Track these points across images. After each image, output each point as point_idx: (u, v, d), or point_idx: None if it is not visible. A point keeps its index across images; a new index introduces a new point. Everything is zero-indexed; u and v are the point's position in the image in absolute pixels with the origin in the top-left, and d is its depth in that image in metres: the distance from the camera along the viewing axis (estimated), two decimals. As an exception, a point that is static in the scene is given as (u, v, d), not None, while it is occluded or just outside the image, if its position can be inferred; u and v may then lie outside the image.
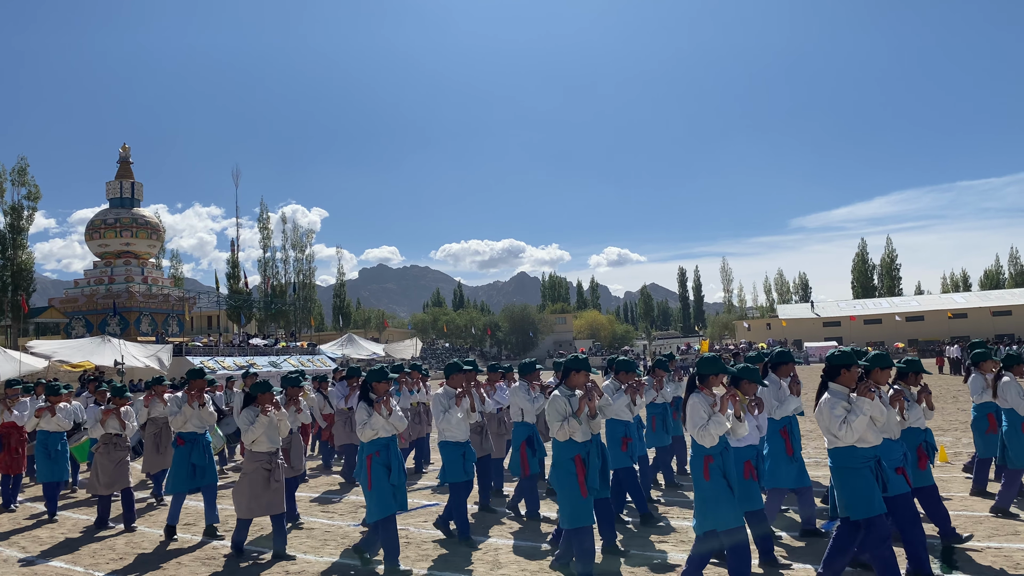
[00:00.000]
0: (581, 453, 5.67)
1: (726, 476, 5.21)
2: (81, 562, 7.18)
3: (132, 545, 7.75)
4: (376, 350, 52.05)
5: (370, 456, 6.33)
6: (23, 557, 7.44)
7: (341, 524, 8.40)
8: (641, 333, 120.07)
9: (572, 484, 5.62)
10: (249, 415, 6.99)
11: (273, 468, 6.96)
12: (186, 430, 8.03)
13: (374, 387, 6.50)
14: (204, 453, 8.00)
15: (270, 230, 73.20)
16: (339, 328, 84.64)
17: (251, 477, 6.92)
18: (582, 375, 5.85)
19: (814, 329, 77.74)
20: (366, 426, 6.29)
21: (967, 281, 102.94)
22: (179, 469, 7.92)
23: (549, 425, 5.74)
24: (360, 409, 6.37)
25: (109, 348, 31.14)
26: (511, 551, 6.93)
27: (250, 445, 7.00)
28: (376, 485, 6.23)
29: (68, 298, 52.22)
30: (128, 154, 56.10)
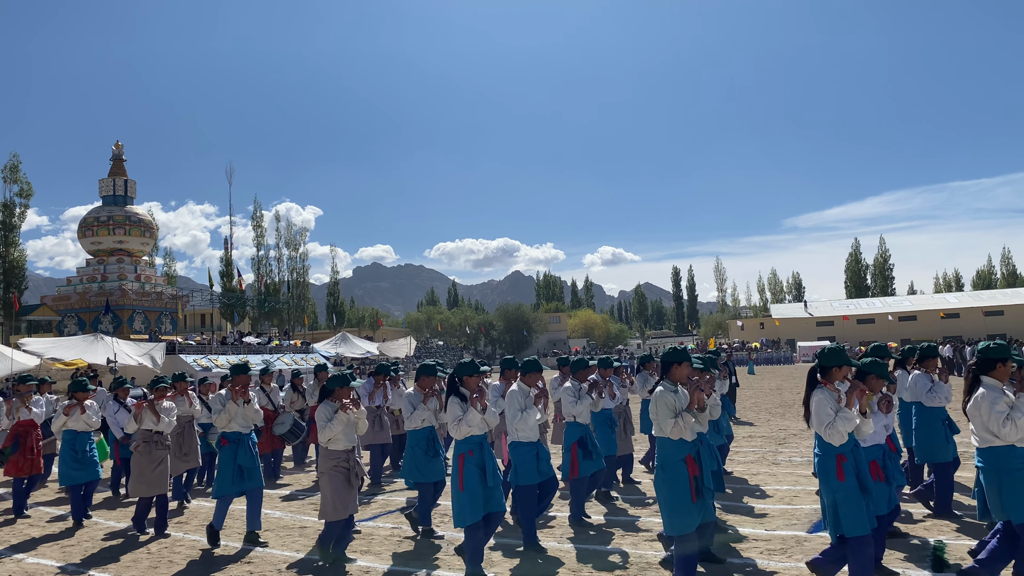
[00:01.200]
0: (692, 452, 5.27)
1: (859, 476, 4.90)
2: (125, 572, 6.79)
3: (170, 551, 7.40)
4: (370, 349, 51.95)
5: (462, 455, 5.99)
6: (62, 566, 7.03)
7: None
8: (635, 332, 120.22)
9: (682, 487, 5.18)
10: (326, 411, 6.59)
11: (352, 466, 6.63)
12: (230, 429, 7.57)
13: (465, 381, 6.17)
14: (251, 454, 7.57)
15: (264, 228, 73.07)
16: (333, 327, 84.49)
17: (331, 476, 6.55)
18: (684, 367, 5.45)
19: (807, 329, 77.92)
20: (461, 423, 5.95)
21: (959, 281, 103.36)
22: (225, 471, 7.45)
23: (660, 423, 5.31)
24: (453, 405, 6.05)
25: (102, 346, 31.02)
26: (575, 557, 6.55)
27: (326, 443, 6.61)
28: (468, 486, 5.87)
29: (60, 296, 51.96)
30: (121, 151, 55.85)
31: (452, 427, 5.96)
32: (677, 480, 5.19)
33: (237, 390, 7.54)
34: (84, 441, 9.04)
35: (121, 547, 7.70)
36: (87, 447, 9.03)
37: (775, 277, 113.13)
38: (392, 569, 6.49)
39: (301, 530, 8.13)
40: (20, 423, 9.73)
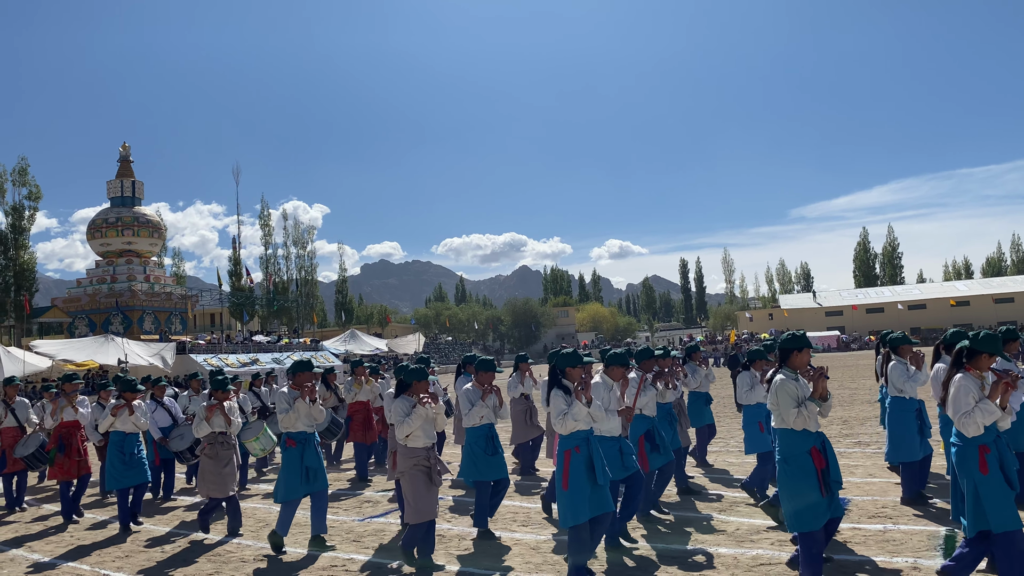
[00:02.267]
0: (816, 444, 5.00)
1: (1004, 468, 4.65)
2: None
3: (241, 558, 7.00)
4: (379, 345, 52.11)
5: (568, 451, 5.57)
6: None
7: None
8: (643, 325, 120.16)
9: (809, 481, 4.91)
10: (404, 406, 6.25)
11: (432, 464, 6.31)
12: (296, 429, 7.14)
13: (568, 373, 5.73)
14: (317, 454, 7.20)
15: (271, 227, 73.33)
16: (342, 324, 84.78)
17: (412, 476, 6.21)
18: (805, 354, 5.20)
19: (816, 319, 77.78)
20: (567, 416, 5.51)
21: (969, 269, 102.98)
22: (291, 473, 7.04)
23: (782, 413, 5.03)
24: (557, 398, 5.61)
25: (112, 347, 31.25)
26: (655, 557, 6.26)
27: (404, 440, 6.27)
28: (575, 485, 5.46)
29: (71, 297, 52.28)
30: (128, 153, 56.08)
31: (557, 422, 5.54)
32: (803, 474, 4.95)
33: (307, 388, 7.16)
34: (132, 443, 8.66)
35: (180, 555, 7.27)
36: (135, 449, 8.67)
37: (783, 268, 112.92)
38: (463, 571, 6.20)
39: (358, 532, 8.17)
40: (64, 424, 9.47)
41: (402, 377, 6.45)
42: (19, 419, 10.25)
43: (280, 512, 7.17)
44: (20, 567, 7.03)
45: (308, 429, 7.21)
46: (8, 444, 10.10)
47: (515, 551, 6.74)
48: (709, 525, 7.26)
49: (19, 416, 10.28)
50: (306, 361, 7.51)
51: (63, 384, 9.77)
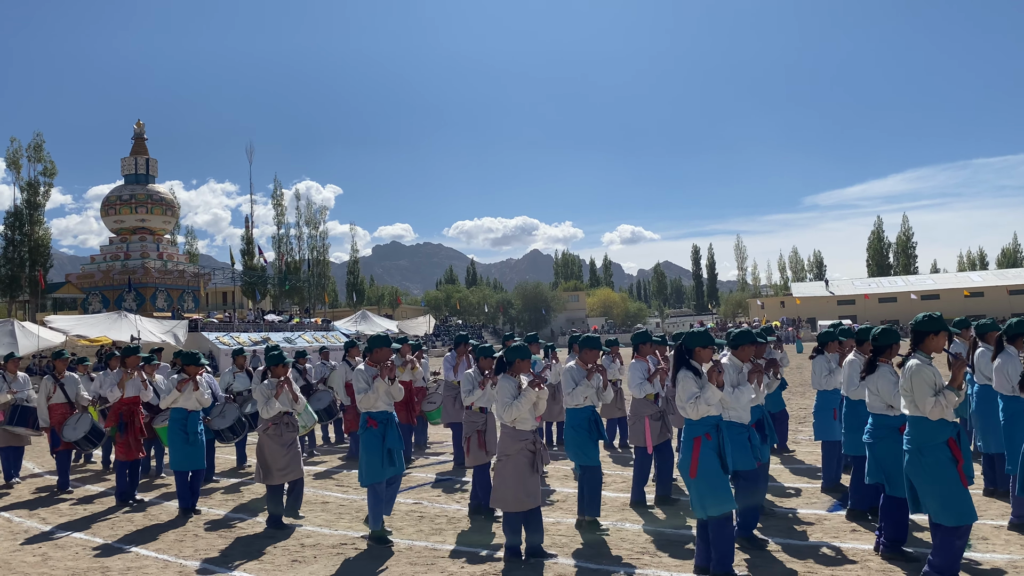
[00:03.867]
0: (952, 434, 4.80)
1: None
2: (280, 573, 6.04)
3: (321, 548, 6.54)
4: (389, 327, 52.22)
5: (698, 439, 5.17)
6: (200, 567, 6.16)
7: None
8: (654, 311, 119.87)
9: (950, 472, 4.70)
10: (509, 387, 5.86)
11: (538, 449, 5.88)
12: (377, 409, 6.73)
13: (697, 353, 5.33)
14: (398, 435, 6.81)
15: (284, 207, 73.48)
16: (353, 305, 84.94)
17: (515, 461, 5.80)
18: (942, 337, 4.98)
19: (828, 307, 77.35)
20: (699, 400, 5.11)
21: (984, 259, 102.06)
22: (373, 455, 6.61)
23: (917, 401, 4.82)
24: (687, 380, 5.22)
25: (126, 323, 31.43)
26: (787, 553, 5.84)
27: (511, 422, 5.85)
28: (706, 472, 5.11)
29: (85, 274, 52.59)
30: (143, 130, 56.18)
31: (689, 405, 5.15)
32: (942, 465, 4.74)
33: (387, 366, 6.71)
34: (196, 421, 8.18)
35: (244, 540, 6.88)
36: (198, 428, 8.21)
37: (796, 255, 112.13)
38: (581, 566, 5.74)
39: (403, 515, 8.18)
40: (124, 400, 8.99)
41: (503, 355, 6.04)
42: (68, 395, 9.82)
43: (368, 499, 6.73)
44: (85, 550, 6.75)
45: (389, 408, 6.82)
46: (57, 421, 9.65)
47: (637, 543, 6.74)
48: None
49: (68, 392, 9.83)
50: (384, 336, 7.03)
51: (126, 358, 9.12)
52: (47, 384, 9.85)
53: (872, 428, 5.72)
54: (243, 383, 10.75)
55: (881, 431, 5.65)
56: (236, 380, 10.80)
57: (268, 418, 7.26)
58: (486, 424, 7.34)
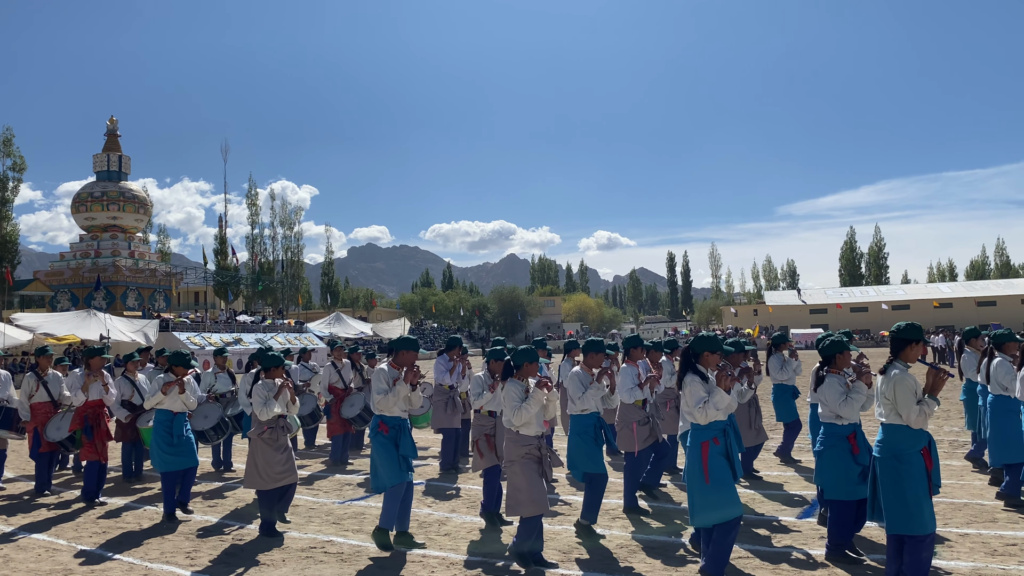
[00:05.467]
0: (926, 443, 4.83)
1: None
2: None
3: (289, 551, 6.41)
4: (364, 329, 51.98)
5: (706, 443, 5.12)
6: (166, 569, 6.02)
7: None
8: (629, 317, 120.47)
9: (920, 482, 4.74)
10: (516, 390, 5.77)
11: (544, 455, 5.80)
12: (391, 414, 6.47)
13: (704, 358, 5.29)
14: (412, 442, 6.59)
15: (259, 206, 72.93)
16: (327, 307, 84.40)
17: (523, 466, 5.72)
18: (920, 348, 5.01)
19: (800, 316, 78.18)
20: (708, 405, 5.08)
21: (953, 271, 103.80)
22: (387, 461, 6.38)
23: (900, 409, 4.80)
24: (694, 384, 5.17)
25: (95, 322, 31.01)
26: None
27: (520, 426, 5.75)
28: (717, 479, 5.05)
29: (54, 271, 51.80)
30: (116, 127, 55.49)
31: (697, 410, 5.10)
32: (916, 474, 4.74)
33: (411, 371, 6.45)
34: (181, 423, 7.95)
35: (249, 547, 6.63)
36: (183, 430, 7.96)
37: (769, 264, 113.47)
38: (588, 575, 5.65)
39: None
40: (90, 403, 8.82)
41: (510, 359, 5.92)
42: (51, 393, 9.50)
43: (383, 503, 6.45)
44: (67, 556, 6.52)
45: (403, 415, 6.55)
46: (40, 421, 9.31)
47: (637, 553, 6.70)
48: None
49: (51, 390, 9.51)
50: (411, 339, 6.74)
51: (89, 359, 8.91)
52: (29, 382, 9.53)
53: (823, 436, 5.78)
54: (225, 384, 10.52)
55: (831, 439, 5.72)
56: (218, 381, 10.54)
57: (264, 421, 7.03)
58: (495, 428, 7.24)
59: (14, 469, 11.12)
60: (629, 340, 7.85)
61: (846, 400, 5.69)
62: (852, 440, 5.67)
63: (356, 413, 10.77)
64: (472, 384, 7.28)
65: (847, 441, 5.64)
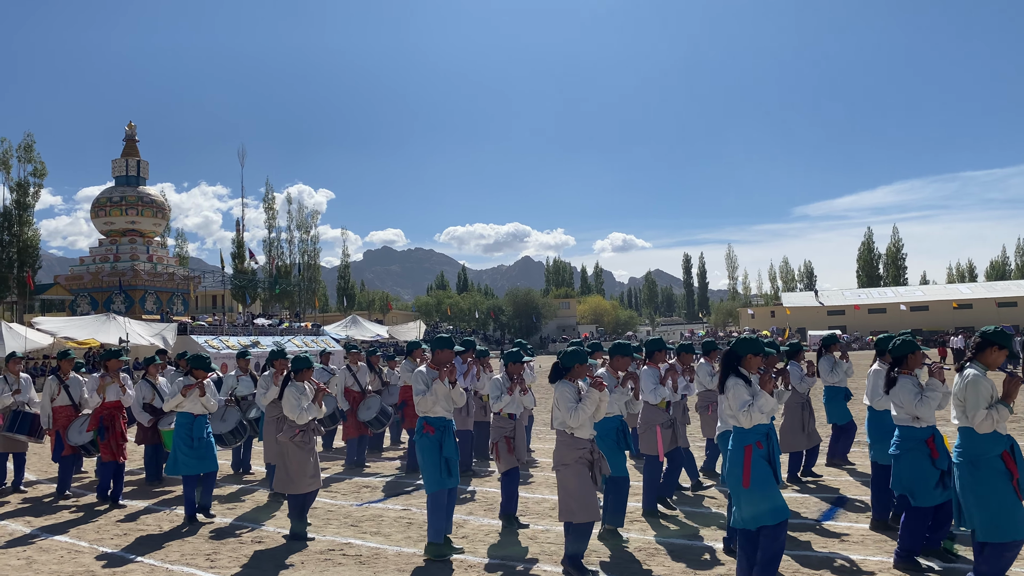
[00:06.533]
0: (1007, 447, 4.68)
1: None
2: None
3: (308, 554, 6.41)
4: (380, 332, 52.12)
5: (749, 447, 5.00)
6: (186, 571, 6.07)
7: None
8: (645, 319, 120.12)
9: (1001, 486, 4.61)
10: (570, 392, 5.64)
11: (596, 459, 5.67)
12: (434, 414, 6.41)
13: (747, 360, 5.19)
14: (455, 444, 6.48)
15: (275, 210, 73.20)
16: (343, 309, 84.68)
17: (576, 469, 5.58)
18: (1003, 354, 4.91)
19: (818, 317, 77.65)
20: (752, 408, 4.98)
21: (973, 272, 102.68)
22: (430, 464, 6.29)
23: (969, 412, 4.72)
24: (738, 387, 5.08)
25: (114, 326, 31.27)
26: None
27: (575, 429, 5.63)
28: (758, 482, 4.93)
29: (73, 275, 52.26)
30: (134, 132, 55.95)
31: (741, 414, 5.01)
32: (995, 478, 4.64)
33: (446, 369, 6.38)
34: (201, 426, 7.99)
35: (268, 550, 6.61)
36: (204, 432, 7.99)
37: (787, 265, 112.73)
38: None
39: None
40: (106, 405, 8.85)
41: (560, 360, 5.81)
42: (73, 397, 9.59)
43: (428, 508, 6.36)
44: (88, 558, 6.59)
45: (447, 415, 6.48)
46: (62, 424, 9.40)
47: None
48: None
49: (72, 394, 9.60)
50: (447, 337, 6.73)
51: (106, 361, 8.97)
52: (51, 385, 9.63)
53: (899, 440, 5.64)
54: (247, 387, 10.50)
55: (908, 443, 5.59)
56: (240, 383, 10.56)
57: (298, 425, 7.00)
58: (515, 430, 7.17)
59: (36, 472, 11.26)
60: (652, 343, 7.70)
61: (921, 400, 5.56)
62: (931, 444, 5.52)
63: (373, 416, 10.80)
64: (491, 387, 7.27)
65: (925, 445, 5.49)
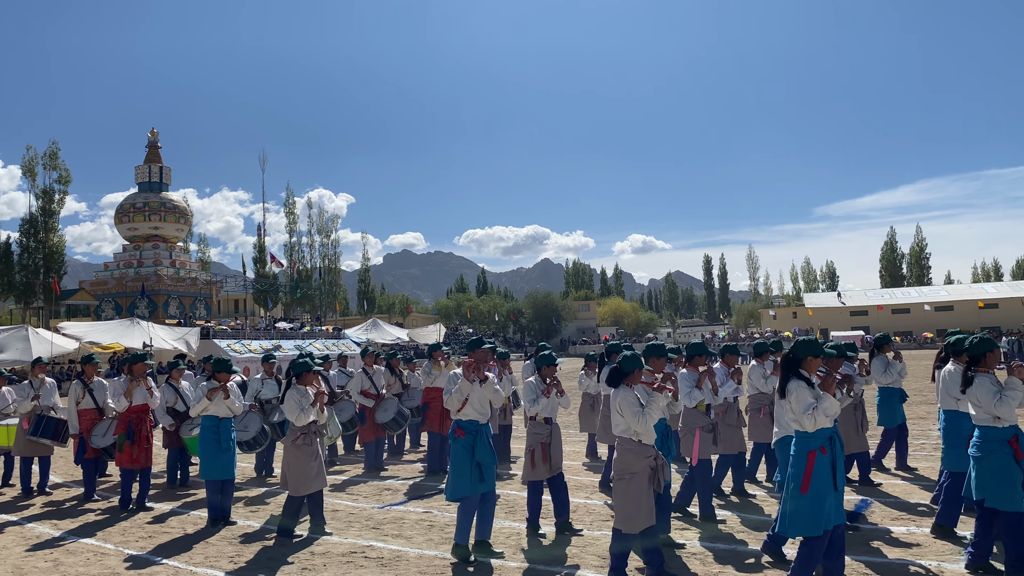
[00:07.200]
0: None
1: None
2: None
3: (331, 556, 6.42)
4: (400, 335, 52.29)
5: (813, 452, 4.87)
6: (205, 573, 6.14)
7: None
8: (665, 321, 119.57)
9: None
10: (632, 397, 5.52)
11: (659, 465, 5.55)
12: (467, 417, 6.32)
13: (808, 363, 5.09)
14: (490, 448, 6.37)
15: (296, 215, 73.79)
16: (364, 313, 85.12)
17: (639, 479, 5.44)
18: (997, 354, 5.18)
19: (841, 318, 76.94)
20: (816, 411, 4.83)
21: (999, 271, 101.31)
22: (460, 469, 6.20)
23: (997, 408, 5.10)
24: (801, 390, 4.95)
25: (138, 330, 31.61)
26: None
27: (642, 435, 5.50)
28: (816, 490, 4.80)
29: (98, 281, 52.94)
30: (156, 139, 56.59)
31: (805, 417, 4.87)
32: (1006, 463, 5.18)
33: (475, 367, 6.30)
34: (228, 429, 8.06)
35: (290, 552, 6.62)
36: (231, 435, 8.09)
37: (808, 266, 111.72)
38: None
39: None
40: (133, 408, 8.84)
41: (620, 364, 5.64)
42: (97, 401, 9.63)
43: (458, 514, 6.29)
44: (114, 560, 6.65)
45: (481, 418, 6.39)
46: (86, 428, 9.43)
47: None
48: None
49: (97, 398, 9.64)
50: (479, 338, 6.66)
51: (132, 365, 9.00)
52: (76, 389, 9.66)
53: (980, 441, 5.50)
54: (271, 390, 10.52)
55: (990, 444, 5.45)
56: (264, 387, 10.59)
57: (299, 427, 7.12)
58: (551, 436, 6.97)
59: (62, 475, 11.39)
60: (693, 347, 7.52)
61: (1001, 400, 5.42)
62: (1014, 444, 5.39)
63: (390, 418, 10.80)
64: (525, 391, 7.00)
65: (1008, 445, 5.37)
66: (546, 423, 6.99)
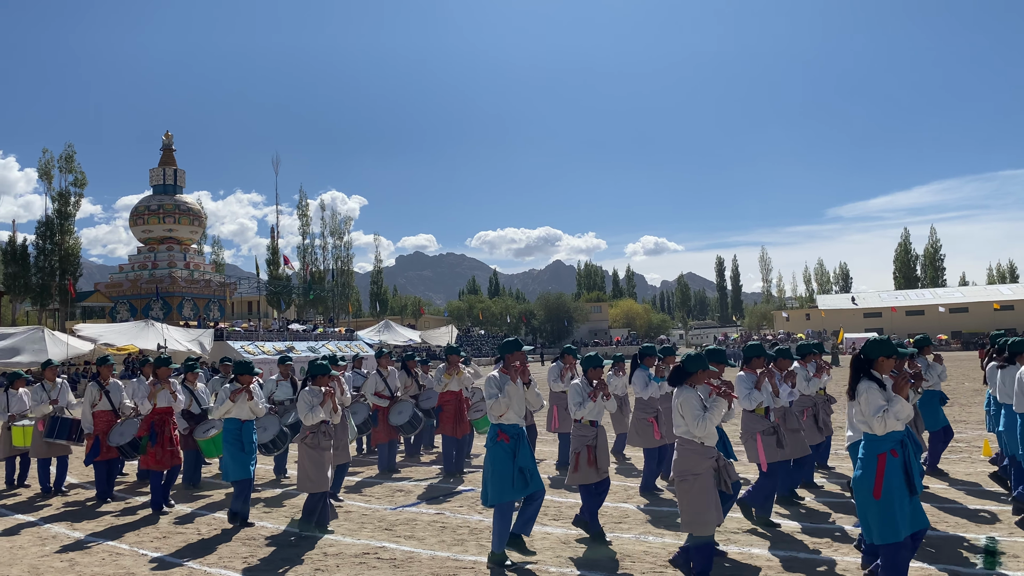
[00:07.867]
0: None
1: None
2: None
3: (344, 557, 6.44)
4: (413, 337, 52.46)
5: (883, 456, 4.73)
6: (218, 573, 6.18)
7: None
8: (678, 323, 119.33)
9: None
10: (694, 400, 5.45)
11: (722, 467, 5.49)
12: (508, 421, 6.16)
13: (880, 363, 4.93)
14: (530, 452, 6.27)
15: (309, 217, 74.06)
16: (376, 314, 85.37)
17: (703, 481, 5.38)
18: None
19: (854, 320, 76.48)
20: (887, 414, 4.71)
21: (1014, 272, 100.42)
22: (501, 474, 6.04)
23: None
24: (872, 392, 4.80)
25: (152, 332, 31.89)
26: None
27: (703, 437, 5.43)
28: (889, 495, 4.67)
29: (113, 283, 53.35)
30: (171, 141, 56.99)
31: (875, 420, 4.74)
32: None
33: (516, 368, 6.20)
34: (250, 430, 8.09)
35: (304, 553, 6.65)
36: (253, 437, 8.13)
37: (821, 268, 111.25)
38: None
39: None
40: (157, 410, 8.83)
41: (683, 365, 5.61)
42: (113, 402, 9.67)
43: (493, 523, 6.18)
44: (130, 560, 6.69)
45: (521, 422, 6.26)
46: (102, 429, 9.47)
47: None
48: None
49: (113, 399, 9.68)
50: (514, 339, 6.63)
51: (157, 368, 9.02)
52: (92, 391, 9.71)
53: None
54: (286, 392, 10.59)
55: None
56: (279, 388, 10.66)
57: (308, 427, 7.21)
58: (597, 439, 6.82)
59: (79, 476, 11.49)
60: (750, 348, 7.45)
61: None
62: None
63: (405, 420, 10.82)
64: (571, 393, 6.89)
65: None
66: (592, 426, 6.86)
